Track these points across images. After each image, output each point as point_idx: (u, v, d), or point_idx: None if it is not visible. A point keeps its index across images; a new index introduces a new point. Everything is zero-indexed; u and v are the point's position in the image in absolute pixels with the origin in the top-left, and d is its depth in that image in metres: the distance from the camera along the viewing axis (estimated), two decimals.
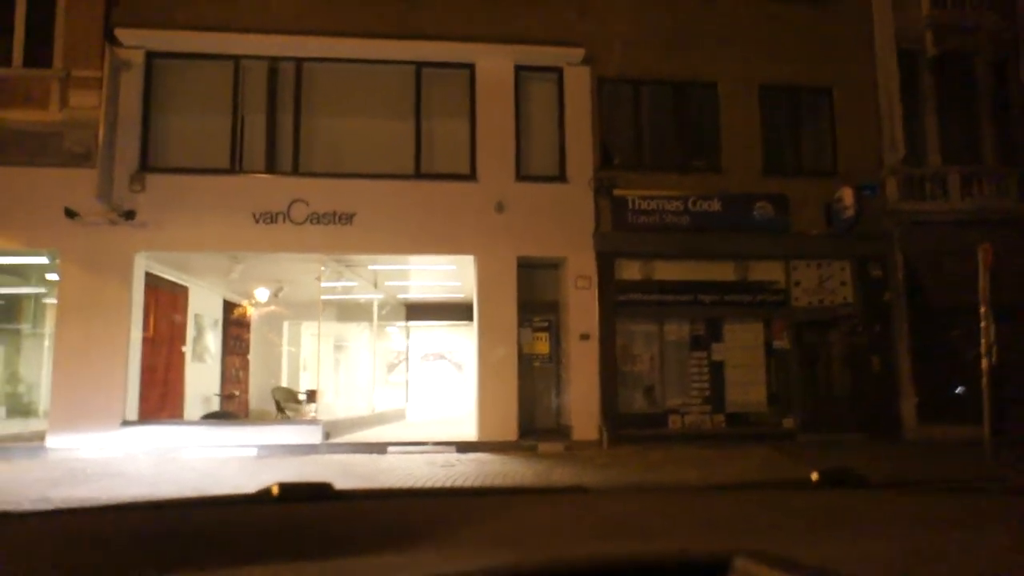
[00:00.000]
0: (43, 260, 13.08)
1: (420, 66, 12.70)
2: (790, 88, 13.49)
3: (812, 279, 13.05)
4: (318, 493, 1.25)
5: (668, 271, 12.79)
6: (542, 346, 12.67)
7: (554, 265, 12.80)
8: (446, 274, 14.79)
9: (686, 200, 12.72)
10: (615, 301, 12.40)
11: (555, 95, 12.96)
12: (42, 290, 16.26)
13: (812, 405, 12.78)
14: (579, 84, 12.85)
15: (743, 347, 12.83)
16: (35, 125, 11.75)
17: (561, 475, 9.53)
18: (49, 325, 16.80)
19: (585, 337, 12.16)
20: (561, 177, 12.65)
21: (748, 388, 12.76)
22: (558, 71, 12.95)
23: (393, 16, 12.46)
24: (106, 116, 11.78)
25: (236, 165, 12.22)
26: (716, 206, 12.78)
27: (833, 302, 13.05)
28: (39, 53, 12.15)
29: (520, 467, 10.12)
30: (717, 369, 12.74)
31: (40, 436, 11.49)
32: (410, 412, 18.31)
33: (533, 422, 12.30)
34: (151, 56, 12.28)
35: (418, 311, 18.64)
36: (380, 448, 11.38)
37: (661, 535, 1.21)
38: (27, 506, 7.38)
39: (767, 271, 13.02)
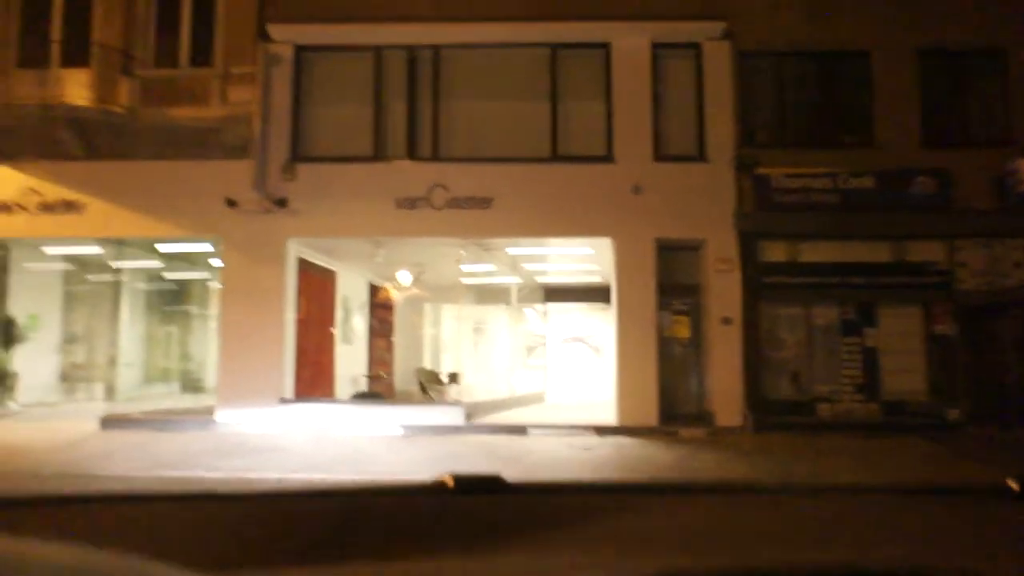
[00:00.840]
0: (207, 247, 14.07)
1: (555, 48, 12.65)
2: (954, 52, 12.45)
3: (980, 260, 12.05)
4: (491, 486, 1.24)
5: (816, 252, 12.17)
6: (682, 330, 12.39)
7: (694, 247, 12.46)
8: (584, 257, 14.74)
9: (835, 177, 12.03)
10: (759, 284, 11.94)
11: (693, 72, 12.58)
12: (207, 275, 17.53)
13: (980, 396, 11.83)
14: (718, 59, 12.40)
15: (900, 333, 12.05)
16: (199, 121, 12.61)
17: (705, 462, 9.30)
18: (214, 307, 18.11)
19: (727, 321, 11.79)
20: (700, 157, 12.28)
21: (906, 376, 11.98)
22: (696, 47, 12.55)
23: None
24: (260, 110, 12.48)
25: (379, 152, 12.63)
26: (869, 183, 12.02)
27: (1005, 285, 12.00)
28: (201, 53, 13.02)
29: (661, 453, 9.97)
30: (870, 355, 12.04)
31: (209, 411, 12.40)
32: (549, 395, 18.45)
33: (673, 407, 12.07)
34: (300, 50, 12.87)
35: (556, 294, 18.71)
36: (520, 430, 11.53)
37: (856, 544, 1.12)
38: (202, 473, 8.01)
39: (927, 251, 12.14)
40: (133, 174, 12.61)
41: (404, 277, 16.43)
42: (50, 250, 16.20)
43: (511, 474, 1.26)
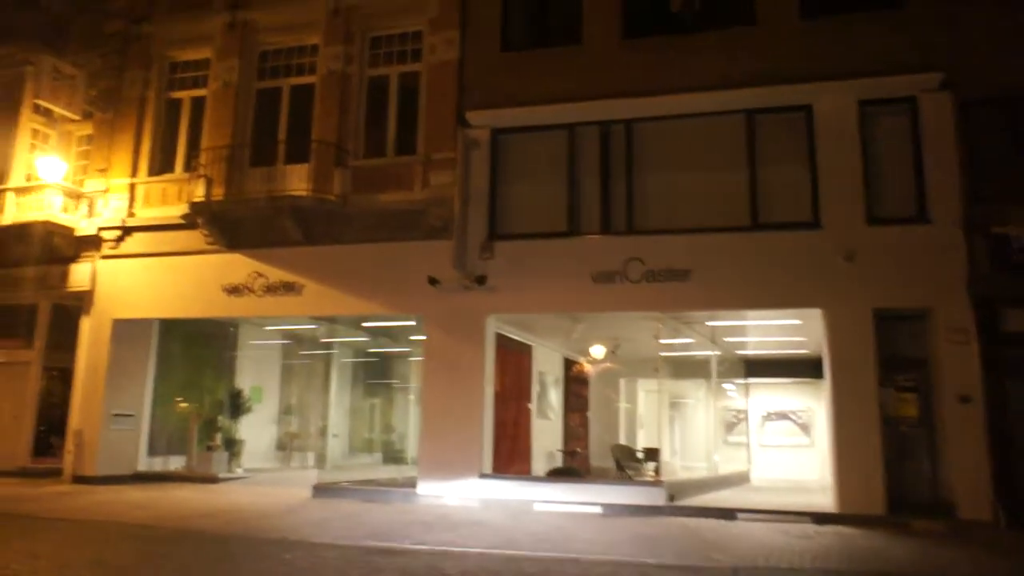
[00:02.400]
0: (410, 323, 14.70)
1: (752, 113, 12.26)
2: None
3: None
4: None
5: None
6: (909, 408, 11.21)
7: (919, 316, 11.35)
8: (790, 328, 13.89)
9: None
10: (1001, 357, 10.60)
11: (908, 127, 11.69)
12: (408, 349, 18.30)
13: None
14: (938, 111, 11.45)
15: None
16: (403, 204, 13.33)
17: (954, 561, 8.18)
18: (413, 381, 18.81)
19: (967, 400, 10.51)
20: (921, 217, 11.28)
21: None
22: (911, 101, 11.68)
23: (719, 66, 12.22)
24: (459, 191, 13.01)
25: (573, 227, 12.71)
26: None
27: None
28: (406, 143, 13.88)
29: (895, 546, 8.90)
30: None
31: (411, 482, 12.70)
32: (753, 475, 17.33)
33: (902, 495, 10.84)
34: (496, 133, 13.36)
35: (758, 367, 17.77)
36: (728, 514, 10.80)
37: None
38: (409, 546, 8.09)
39: None
40: (344, 257, 13.51)
41: (598, 351, 16.27)
42: (270, 327, 17.66)
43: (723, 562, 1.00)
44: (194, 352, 16.37)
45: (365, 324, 16.39)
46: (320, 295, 13.60)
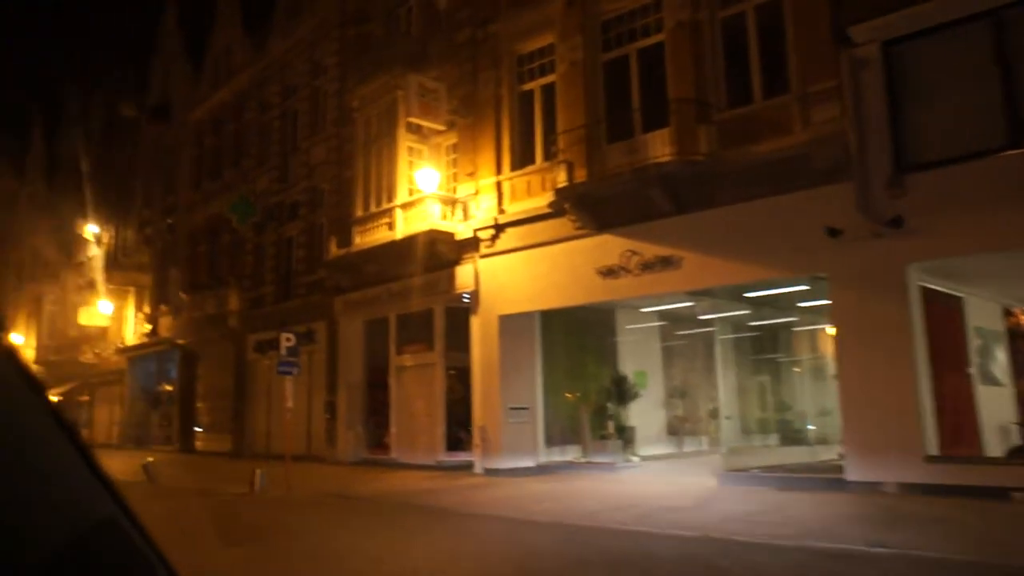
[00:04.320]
0: (799, 288, 12.91)
1: None
2: None
3: None
4: None
5: None
6: None
7: None
8: None
9: None
10: None
11: None
12: (793, 319, 16.40)
13: None
14: None
15: None
16: (781, 151, 11.62)
17: None
18: (804, 353, 16.82)
19: None
20: None
21: None
22: None
23: None
24: (852, 124, 10.95)
25: (1015, 138, 9.93)
26: None
27: None
28: (775, 83, 12.16)
29: None
30: None
31: (832, 467, 10.98)
32: None
33: None
34: (887, 46, 11.03)
35: None
36: None
37: None
38: (863, 548, 6.53)
39: None
40: (722, 221, 12.19)
41: None
42: (645, 309, 16.96)
43: None
44: (575, 341, 16.29)
45: (747, 295, 14.90)
46: (701, 266, 12.45)
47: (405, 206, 16.44)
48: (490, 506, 10.82)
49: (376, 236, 16.99)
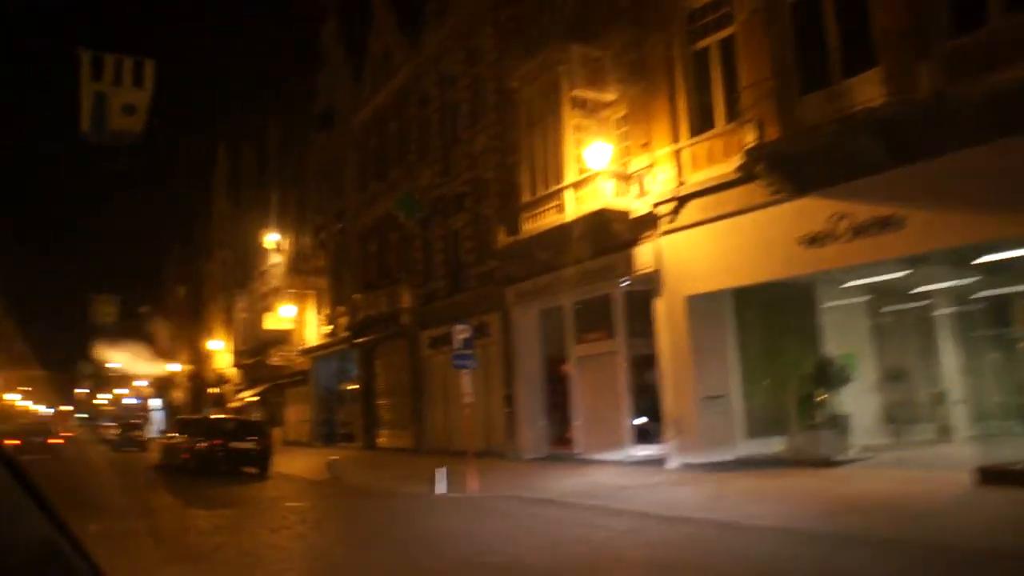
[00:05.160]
0: None
1: None
2: None
3: None
4: None
5: None
6: None
7: None
8: None
9: None
10: None
11: None
12: None
13: None
14: None
15: None
16: None
17: None
18: None
19: None
20: None
21: None
22: None
23: None
24: None
25: None
26: None
27: None
28: None
29: None
30: None
31: None
32: None
33: None
34: None
35: None
36: None
37: None
38: None
39: None
40: (953, 169, 10.26)
41: None
42: (847, 284, 15.02)
43: None
44: (772, 321, 14.66)
45: (977, 261, 12.73)
46: (928, 225, 10.56)
47: (575, 186, 15.45)
48: (697, 507, 9.62)
49: (545, 221, 16.13)
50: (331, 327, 29.39)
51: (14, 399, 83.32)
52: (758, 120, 12.29)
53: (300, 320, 32.43)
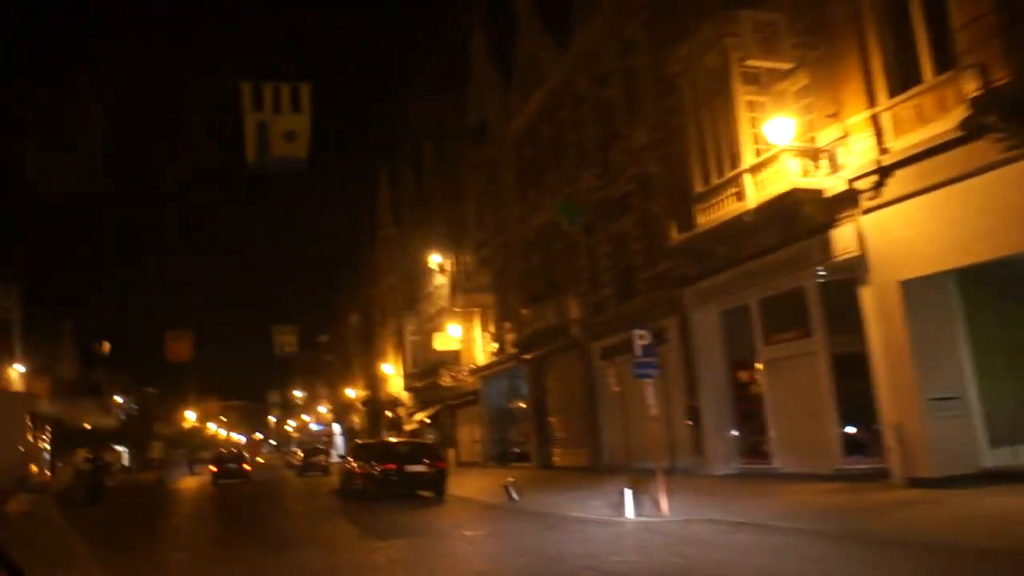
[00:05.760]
0: None
1: None
2: None
3: None
4: None
5: None
6: None
7: None
8: None
9: None
10: None
11: None
12: None
13: None
14: None
15: None
16: None
17: None
18: None
19: None
20: None
21: None
22: None
23: None
24: None
25: None
26: None
27: None
28: None
29: None
30: None
31: None
32: None
33: None
34: None
35: None
36: None
37: None
38: None
39: None
40: None
41: None
42: None
43: None
44: (1013, 305, 12.33)
45: None
46: None
47: (754, 169, 13.80)
48: (953, 532, 7.82)
49: (723, 211, 14.55)
50: (498, 344, 28.88)
51: (213, 428, 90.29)
52: (980, 64, 10.27)
53: (468, 339, 32.23)
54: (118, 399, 75.43)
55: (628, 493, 11.27)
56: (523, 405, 27.84)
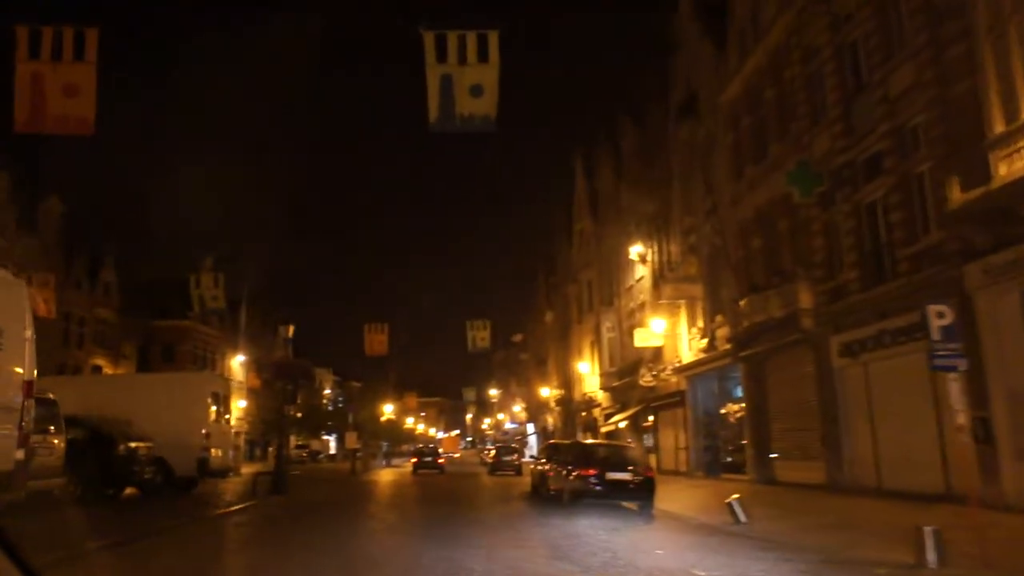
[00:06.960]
0: None
1: None
2: None
3: None
4: None
5: None
6: None
7: None
8: None
9: None
10: None
11: None
12: None
13: None
14: None
15: None
16: None
17: None
18: None
19: None
20: None
21: None
22: None
23: None
24: None
25: None
26: None
27: None
28: None
29: None
30: None
31: None
32: None
33: None
34: None
35: None
36: None
37: None
38: None
39: None
40: None
41: None
42: None
43: None
44: None
45: None
46: None
47: None
48: None
49: None
50: (707, 340, 25.75)
51: (414, 423, 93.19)
52: None
53: (672, 335, 29.31)
54: (327, 391, 79.37)
55: (928, 532, 8.07)
56: (737, 408, 24.52)
